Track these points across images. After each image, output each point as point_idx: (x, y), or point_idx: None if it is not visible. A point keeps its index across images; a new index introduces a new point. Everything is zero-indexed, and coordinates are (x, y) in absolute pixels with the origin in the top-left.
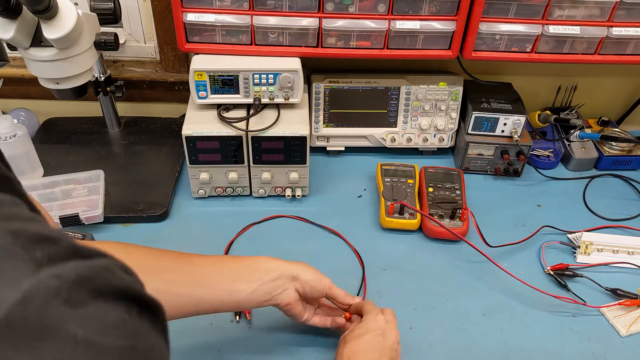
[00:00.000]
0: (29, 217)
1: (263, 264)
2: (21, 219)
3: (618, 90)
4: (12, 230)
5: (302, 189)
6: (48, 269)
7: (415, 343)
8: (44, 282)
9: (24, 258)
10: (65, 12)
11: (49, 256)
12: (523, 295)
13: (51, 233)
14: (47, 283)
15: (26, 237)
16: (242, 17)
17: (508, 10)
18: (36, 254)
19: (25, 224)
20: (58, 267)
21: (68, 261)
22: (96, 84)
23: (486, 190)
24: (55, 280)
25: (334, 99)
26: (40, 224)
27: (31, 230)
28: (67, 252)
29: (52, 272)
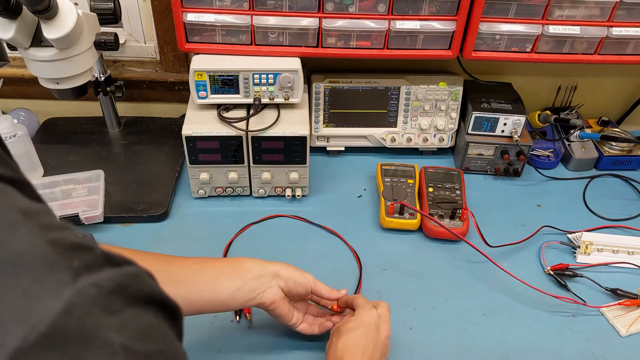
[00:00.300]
0: (63, 226)
1: (245, 263)
2: (57, 227)
3: (618, 90)
4: (52, 239)
5: (302, 189)
6: (85, 278)
7: (415, 343)
8: (84, 291)
9: (64, 267)
10: (65, 12)
11: (86, 264)
12: (523, 295)
13: (84, 242)
14: (87, 292)
15: (64, 246)
16: (242, 17)
17: (508, 10)
18: (74, 262)
19: (61, 232)
20: (94, 275)
21: (103, 269)
22: (96, 84)
23: (486, 190)
24: (94, 289)
25: (334, 99)
26: (73, 232)
27: (68, 239)
28: (100, 260)
29: (90, 280)
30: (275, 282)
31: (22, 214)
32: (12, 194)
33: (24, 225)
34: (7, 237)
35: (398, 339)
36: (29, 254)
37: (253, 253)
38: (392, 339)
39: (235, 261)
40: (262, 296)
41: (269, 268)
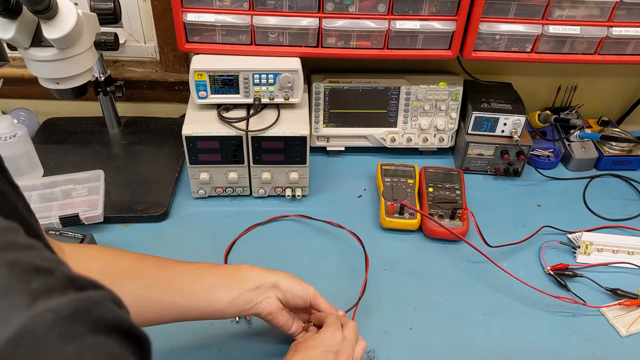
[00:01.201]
0: (26, 245)
1: (244, 272)
2: (18, 247)
3: (618, 90)
4: (9, 261)
5: (302, 189)
6: (43, 302)
7: (415, 343)
8: (39, 316)
9: (20, 290)
10: (65, 12)
11: (46, 287)
12: (523, 295)
13: (47, 264)
14: (43, 317)
15: (23, 267)
16: (242, 17)
17: (508, 10)
18: (33, 285)
19: (22, 253)
20: (54, 299)
21: (64, 293)
22: (96, 84)
23: (486, 190)
24: (50, 314)
25: (334, 99)
26: (37, 252)
27: (27, 261)
28: (63, 283)
29: (48, 305)
30: (273, 293)
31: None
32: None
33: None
34: None
35: (398, 339)
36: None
37: (253, 252)
38: (392, 339)
39: (235, 270)
40: (259, 307)
41: (268, 278)
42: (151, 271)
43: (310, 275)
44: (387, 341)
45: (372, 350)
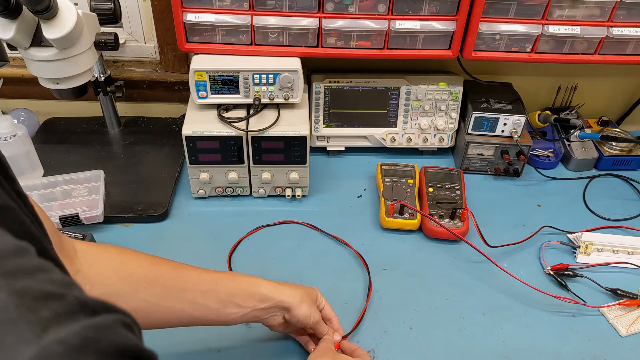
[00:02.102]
0: (36, 268)
1: (259, 289)
2: (28, 272)
3: (618, 90)
4: (18, 289)
5: (302, 189)
6: (53, 333)
7: (415, 343)
8: (48, 349)
9: (30, 320)
10: (65, 12)
11: (57, 314)
12: (523, 295)
13: (57, 288)
14: (52, 350)
15: (32, 295)
16: (242, 17)
17: (508, 10)
18: (42, 313)
19: (31, 279)
20: (63, 328)
21: (74, 319)
22: (96, 84)
23: (486, 190)
24: (59, 347)
25: (334, 99)
26: (47, 276)
27: (37, 288)
28: (73, 308)
29: (57, 336)
30: (281, 313)
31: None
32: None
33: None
34: None
35: (398, 339)
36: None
37: (255, 253)
38: (392, 339)
39: (249, 284)
40: (265, 321)
41: (283, 302)
42: (165, 279)
43: (310, 275)
44: (387, 341)
45: (372, 350)
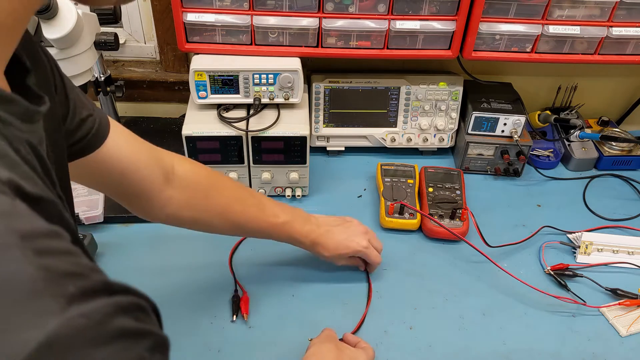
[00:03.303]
0: (65, 251)
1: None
2: (58, 253)
3: (618, 90)
4: (46, 265)
5: (302, 189)
6: (76, 307)
7: (415, 343)
8: (72, 321)
9: (55, 294)
10: (65, 12)
11: (82, 291)
12: (523, 295)
13: (82, 270)
14: (75, 322)
15: (58, 272)
16: (242, 17)
17: (508, 10)
18: (69, 288)
19: (59, 259)
20: (87, 304)
21: (97, 297)
22: (96, 84)
23: (486, 190)
24: (83, 319)
25: (334, 99)
26: (74, 259)
27: (63, 267)
28: (97, 286)
29: (81, 309)
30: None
31: (20, 237)
32: (23, 215)
33: (17, 249)
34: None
35: (398, 339)
36: (16, 279)
37: (254, 253)
38: (392, 339)
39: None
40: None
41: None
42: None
43: (310, 275)
44: (387, 341)
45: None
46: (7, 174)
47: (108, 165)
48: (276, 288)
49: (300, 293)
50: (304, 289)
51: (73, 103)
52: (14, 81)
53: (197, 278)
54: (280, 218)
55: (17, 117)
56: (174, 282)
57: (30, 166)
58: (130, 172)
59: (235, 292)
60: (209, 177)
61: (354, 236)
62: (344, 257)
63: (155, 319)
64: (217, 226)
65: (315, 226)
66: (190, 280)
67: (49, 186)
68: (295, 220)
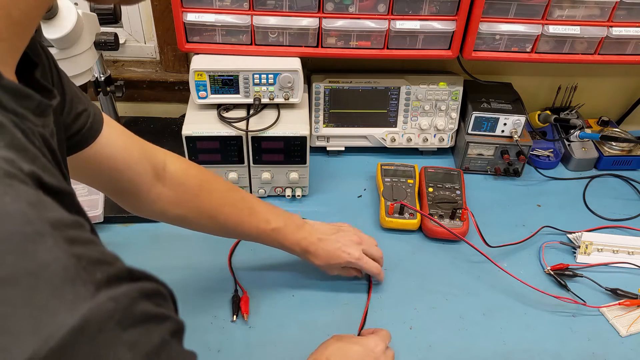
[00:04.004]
0: (90, 240)
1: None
2: (84, 242)
3: (618, 90)
4: (76, 253)
5: (302, 189)
6: (105, 292)
7: (415, 343)
8: (101, 305)
9: (86, 280)
10: (65, 12)
11: (108, 278)
12: (523, 295)
13: (108, 257)
14: (105, 306)
15: (87, 260)
16: (242, 17)
17: (508, 10)
18: (97, 275)
19: (86, 247)
20: (114, 289)
21: (123, 283)
22: (96, 84)
23: (486, 190)
24: (111, 303)
25: (334, 99)
26: (98, 248)
27: (91, 254)
28: (122, 273)
29: (109, 294)
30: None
31: (51, 226)
32: (48, 205)
33: (50, 237)
34: (32, 248)
35: (398, 339)
36: (52, 266)
37: (254, 253)
38: (392, 338)
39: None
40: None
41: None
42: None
43: (310, 275)
44: None
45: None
46: (28, 166)
47: (100, 160)
48: (276, 288)
49: (300, 293)
50: (304, 289)
51: (70, 97)
52: (22, 76)
53: (197, 278)
54: (271, 224)
55: (31, 111)
56: (174, 282)
57: (47, 159)
58: (122, 167)
59: (235, 292)
60: (200, 176)
61: (345, 247)
62: (336, 267)
63: (172, 306)
64: (205, 226)
65: (307, 234)
66: (190, 280)
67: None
68: (287, 226)
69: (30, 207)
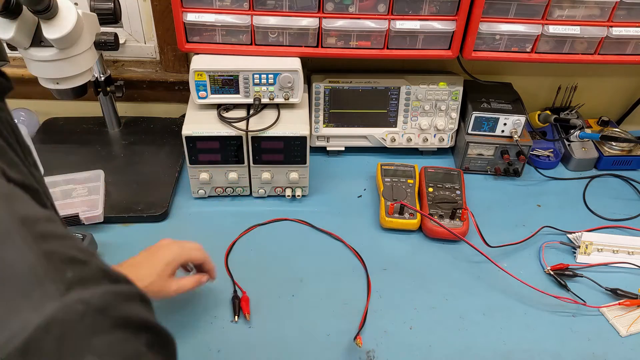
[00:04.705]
0: (64, 235)
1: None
2: (57, 237)
3: (618, 90)
4: (46, 250)
5: (302, 189)
6: (76, 292)
7: (415, 343)
8: (70, 306)
9: (55, 279)
10: (65, 12)
11: (80, 278)
12: (523, 295)
13: (83, 255)
14: (73, 308)
15: (59, 258)
16: (242, 17)
17: (508, 10)
18: (67, 274)
19: (59, 243)
20: (87, 290)
21: (97, 284)
22: (96, 84)
23: (486, 190)
24: (81, 306)
25: (334, 99)
26: (73, 242)
27: (64, 252)
28: (97, 274)
29: (80, 295)
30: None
31: (20, 222)
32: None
33: (18, 235)
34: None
35: (398, 339)
36: (18, 265)
37: (254, 253)
38: (392, 339)
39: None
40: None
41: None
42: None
43: (310, 275)
44: (387, 341)
45: (372, 350)
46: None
47: None
48: (276, 288)
49: (300, 293)
50: (304, 289)
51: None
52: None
53: None
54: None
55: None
56: None
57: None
58: None
59: (234, 292)
60: None
61: (158, 249)
62: (166, 274)
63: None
64: None
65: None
66: None
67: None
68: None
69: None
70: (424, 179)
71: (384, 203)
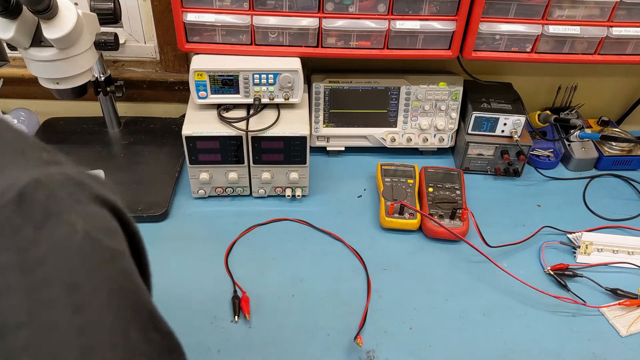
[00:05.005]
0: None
1: None
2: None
3: (618, 90)
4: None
5: (302, 189)
6: (54, 167)
7: (415, 343)
8: (51, 174)
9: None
10: (65, 12)
11: (55, 161)
12: (523, 295)
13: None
14: (55, 176)
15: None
16: (242, 17)
17: (508, 10)
18: (43, 155)
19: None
20: (62, 167)
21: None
22: (96, 84)
23: (486, 190)
24: (62, 176)
25: (334, 99)
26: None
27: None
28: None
29: (61, 170)
30: None
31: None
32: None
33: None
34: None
35: (398, 339)
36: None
37: (253, 252)
38: (392, 339)
39: None
40: None
41: None
42: None
43: (310, 275)
44: (387, 341)
45: (372, 350)
46: None
47: None
48: (276, 288)
49: (300, 293)
50: (304, 289)
51: None
52: None
53: (196, 278)
54: None
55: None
56: (173, 282)
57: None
58: None
59: (234, 292)
60: None
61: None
62: None
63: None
64: None
65: None
66: (190, 280)
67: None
68: None
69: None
70: (424, 179)
71: (384, 203)
